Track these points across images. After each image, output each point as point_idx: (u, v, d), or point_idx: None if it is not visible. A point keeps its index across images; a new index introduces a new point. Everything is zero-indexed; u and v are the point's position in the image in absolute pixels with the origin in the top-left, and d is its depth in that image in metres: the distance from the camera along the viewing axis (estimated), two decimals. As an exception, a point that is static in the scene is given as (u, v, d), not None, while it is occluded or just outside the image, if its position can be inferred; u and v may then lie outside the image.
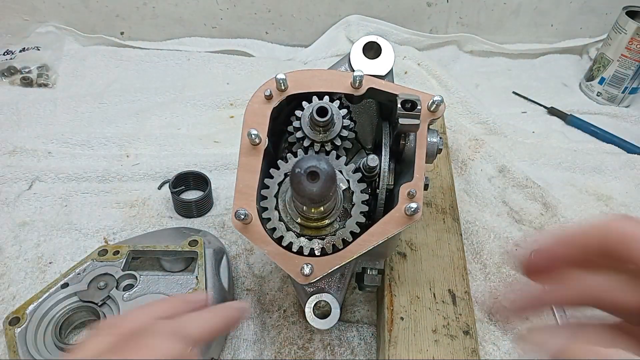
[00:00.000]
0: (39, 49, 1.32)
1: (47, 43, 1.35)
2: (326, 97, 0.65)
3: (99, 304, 0.71)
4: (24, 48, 1.32)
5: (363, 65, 0.70)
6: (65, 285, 0.73)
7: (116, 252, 0.77)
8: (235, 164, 0.61)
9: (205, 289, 0.73)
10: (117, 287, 0.73)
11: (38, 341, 0.67)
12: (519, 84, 1.41)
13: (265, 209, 0.61)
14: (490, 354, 0.77)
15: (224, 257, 0.82)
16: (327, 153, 0.66)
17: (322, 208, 0.57)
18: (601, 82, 1.35)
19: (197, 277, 0.75)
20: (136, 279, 0.74)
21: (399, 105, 0.60)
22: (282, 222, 0.61)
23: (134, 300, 0.72)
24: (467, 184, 1.05)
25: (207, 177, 0.97)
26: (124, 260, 0.76)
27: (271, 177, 0.63)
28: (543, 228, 0.97)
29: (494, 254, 0.91)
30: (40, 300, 0.71)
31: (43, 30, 1.38)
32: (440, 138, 0.66)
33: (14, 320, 0.68)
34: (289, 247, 0.60)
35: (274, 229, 0.61)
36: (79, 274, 0.74)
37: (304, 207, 0.57)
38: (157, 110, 1.19)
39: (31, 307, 0.70)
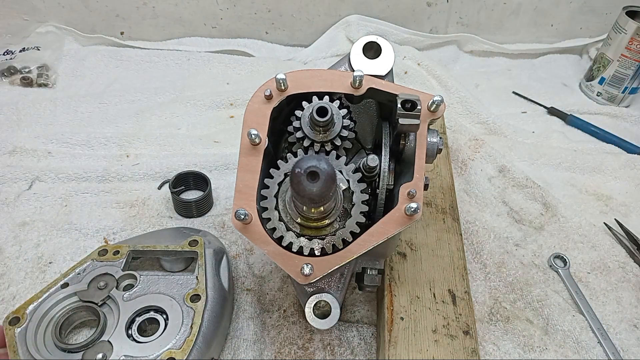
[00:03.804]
0: (39, 49, 1.33)
1: (47, 43, 1.35)
2: (326, 97, 0.65)
3: (99, 304, 0.71)
4: (24, 48, 1.32)
5: (363, 65, 0.70)
6: (65, 285, 0.72)
7: (116, 252, 0.77)
8: (235, 164, 0.61)
9: (206, 289, 0.73)
10: (117, 287, 0.73)
11: (38, 341, 0.67)
12: (519, 84, 1.41)
13: (265, 209, 0.61)
14: (490, 354, 0.77)
15: (224, 257, 0.82)
16: (327, 153, 0.66)
17: (322, 208, 0.57)
18: (601, 82, 1.35)
19: (197, 277, 0.75)
20: (136, 279, 0.74)
21: (399, 105, 0.60)
22: (282, 222, 0.61)
23: (134, 300, 0.71)
24: (467, 184, 1.05)
25: (207, 177, 0.97)
26: (124, 260, 0.76)
27: (271, 177, 0.63)
28: (543, 228, 0.97)
29: (494, 254, 0.91)
30: (40, 300, 0.70)
31: (43, 30, 1.39)
32: (440, 138, 0.66)
33: (14, 320, 0.68)
34: (289, 247, 0.60)
35: (274, 229, 0.61)
36: (78, 273, 0.74)
37: (304, 207, 0.57)
38: (157, 110, 1.19)
39: (31, 307, 0.69)
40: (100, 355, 0.64)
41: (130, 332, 0.69)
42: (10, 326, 0.67)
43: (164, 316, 0.70)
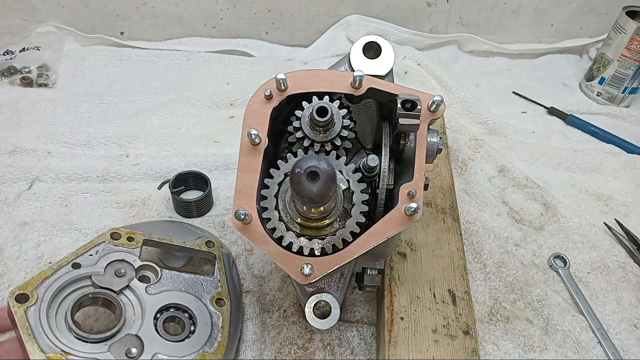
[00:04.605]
0: (39, 49, 1.32)
1: (47, 43, 1.35)
2: (326, 97, 0.65)
3: (117, 292, 0.66)
4: (24, 48, 1.32)
5: (363, 65, 0.70)
6: (77, 265, 0.66)
7: (130, 239, 0.72)
8: (235, 164, 0.61)
9: (229, 293, 0.72)
10: (136, 278, 0.69)
11: (51, 326, 0.60)
12: (519, 84, 1.41)
13: (265, 209, 0.61)
14: (490, 354, 0.77)
15: (233, 262, 0.82)
16: (327, 153, 0.66)
17: (322, 208, 0.57)
18: (601, 82, 1.35)
19: (218, 280, 0.73)
20: (157, 273, 0.70)
21: (399, 105, 0.60)
22: (282, 222, 0.61)
23: (159, 295, 0.68)
24: (467, 184, 1.05)
25: (207, 177, 0.97)
26: (140, 249, 0.71)
27: (271, 177, 0.63)
28: (543, 228, 0.97)
29: (494, 254, 0.91)
30: (50, 278, 0.63)
31: (43, 30, 1.38)
32: (440, 138, 0.66)
33: (21, 298, 0.60)
34: (289, 247, 0.60)
35: (274, 229, 0.61)
36: (91, 255, 0.67)
37: (304, 207, 0.57)
38: (157, 110, 1.19)
39: (41, 285, 0.62)
40: (134, 350, 0.61)
41: (157, 328, 0.65)
42: (18, 304, 0.58)
43: (186, 315, 0.69)
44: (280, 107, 0.65)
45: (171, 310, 0.68)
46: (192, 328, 0.68)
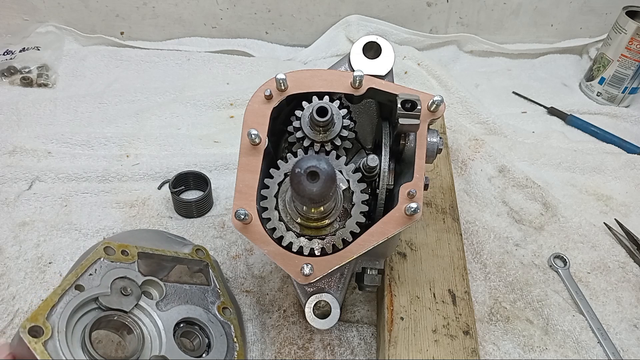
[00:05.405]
0: (39, 49, 1.32)
1: (47, 43, 1.35)
2: (326, 97, 0.65)
3: (127, 312, 0.62)
4: (24, 48, 1.32)
5: (363, 65, 0.70)
6: (80, 287, 0.60)
7: (124, 252, 0.67)
8: (235, 164, 0.61)
9: (230, 300, 0.72)
10: (144, 295, 0.65)
11: (75, 356, 0.55)
12: (519, 84, 1.41)
13: (265, 209, 0.61)
14: (490, 354, 0.77)
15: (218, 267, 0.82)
16: (327, 153, 0.66)
17: (322, 208, 0.57)
18: (601, 82, 1.35)
19: (218, 289, 0.73)
20: (161, 288, 0.67)
21: (399, 105, 0.60)
22: (282, 222, 0.61)
23: (171, 311, 0.65)
24: (467, 184, 1.05)
25: (207, 177, 0.97)
26: (137, 263, 0.67)
27: (271, 177, 0.63)
28: (543, 228, 0.97)
29: (494, 254, 0.91)
30: (59, 306, 0.57)
31: (43, 30, 1.39)
32: (440, 138, 0.66)
33: (35, 332, 0.53)
34: (289, 247, 0.60)
35: (274, 229, 0.61)
36: (90, 274, 0.62)
37: (304, 207, 0.57)
38: (157, 110, 1.19)
39: (53, 315, 0.56)
40: None
41: (179, 346, 0.62)
42: (34, 339, 0.52)
43: (196, 327, 0.67)
44: (280, 107, 0.65)
45: (181, 325, 0.66)
46: (206, 341, 0.67)
